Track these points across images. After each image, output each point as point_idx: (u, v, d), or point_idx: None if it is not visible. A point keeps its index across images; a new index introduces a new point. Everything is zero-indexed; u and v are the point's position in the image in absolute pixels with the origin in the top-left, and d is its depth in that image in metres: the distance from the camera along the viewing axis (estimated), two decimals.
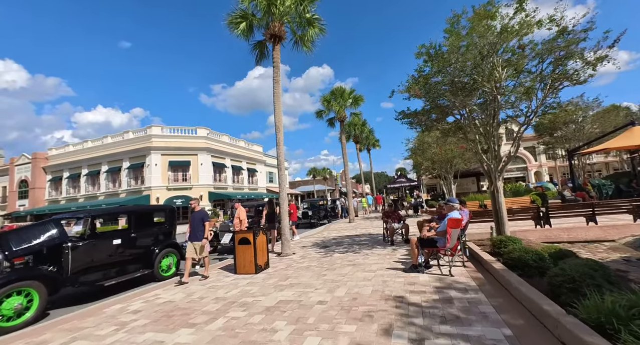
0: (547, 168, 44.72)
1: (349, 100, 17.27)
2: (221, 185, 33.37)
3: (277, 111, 9.01)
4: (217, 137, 34.17)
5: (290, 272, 6.25)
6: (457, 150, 14.18)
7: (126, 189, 30.55)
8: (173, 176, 30.60)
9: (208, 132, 32.63)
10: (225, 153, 34.43)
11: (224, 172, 34.29)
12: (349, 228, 14.39)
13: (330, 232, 13.21)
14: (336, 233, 12.74)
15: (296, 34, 10.25)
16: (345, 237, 11.29)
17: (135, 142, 30.68)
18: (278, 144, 8.95)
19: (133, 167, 30.36)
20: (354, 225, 15.70)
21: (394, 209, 9.34)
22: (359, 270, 5.83)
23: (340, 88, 17.00)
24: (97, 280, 5.85)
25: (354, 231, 12.90)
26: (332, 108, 17.15)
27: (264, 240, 6.93)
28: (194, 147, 31.12)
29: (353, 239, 10.43)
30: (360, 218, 19.50)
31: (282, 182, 8.83)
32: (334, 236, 11.77)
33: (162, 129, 30.68)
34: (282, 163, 8.90)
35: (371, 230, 12.51)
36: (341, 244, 9.63)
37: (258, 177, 40.04)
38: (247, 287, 5.36)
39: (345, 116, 17.48)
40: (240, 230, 7.44)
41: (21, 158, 36.14)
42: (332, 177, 51.24)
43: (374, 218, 18.81)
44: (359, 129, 22.83)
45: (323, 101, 17.27)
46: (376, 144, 26.90)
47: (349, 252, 8.02)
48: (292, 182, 56.92)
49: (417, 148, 15.66)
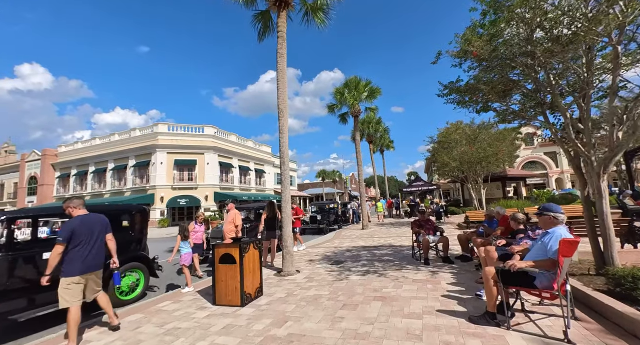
0: (569, 175, 41.48)
1: (364, 93, 15.21)
2: (227, 185, 31.65)
3: (282, 90, 7.02)
4: (224, 136, 32.56)
5: (290, 309, 4.17)
6: (490, 148, 11.93)
7: (131, 187, 29.13)
8: (178, 175, 29.04)
9: (215, 130, 31.04)
10: (233, 153, 32.76)
11: (230, 172, 32.59)
12: (364, 236, 12.22)
13: (343, 241, 11.08)
14: (350, 242, 10.60)
15: (306, 2, 8.32)
16: (361, 248, 9.15)
17: (141, 139, 29.31)
18: (281, 132, 6.94)
19: (139, 165, 28.95)
20: (368, 232, 13.53)
21: (423, 216, 7.18)
22: (395, 313, 3.71)
23: (355, 79, 14.97)
24: (8, 311, 3.91)
25: (370, 240, 10.74)
26: (346, 101, 15.11)
27: (256, 257, 4.89)
28: (201, 146, 29.54)
29: (372, 252, 8.28)
30: (373, 224, 17.29)
31: (285, 179, 6.80)
32: (348, 246, 9.64)
33: (169, 126, 29.24)
34: (285, 156, 6.88)
35: (391, 241, 10.32)
36: (358, 258, 7.50)
37: (266, 179, 38.23)
38: (221, 338, 3.32)
39: (359, 111, 15.41)
40: (223, 242, 5.42)
41: (31, 155, 35.33)
42: (341, 180, 49.08)
43: (389, 224, 16.58)
44: (373, 127, 20.68)
45: (336, 93, 15.25)
46: (390, 145, 24.68)
47: (371, 272, 5.90)
48: (301, 185, 55.00)
49: (441, 146, 13.42)
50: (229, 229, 6.47)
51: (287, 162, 6.89)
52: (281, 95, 7.01)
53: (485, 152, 11.90)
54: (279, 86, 7.07)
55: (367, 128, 20.43)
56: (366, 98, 15.31)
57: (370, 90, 15.17)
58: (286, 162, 6.86)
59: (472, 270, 5.66)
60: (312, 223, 15.14)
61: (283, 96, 7.02)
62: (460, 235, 6.63)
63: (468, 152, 12.28)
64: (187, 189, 28.71)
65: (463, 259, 6.36)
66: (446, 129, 13.45)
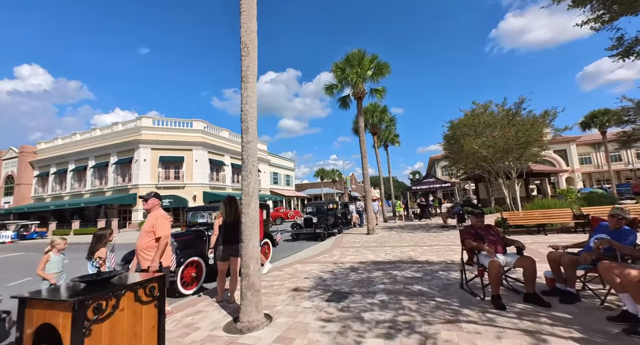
0: (580, 174, 38.67)
1: (369, 71, 12.39)
2: (218, 184, 28.78)
3: (246, 16, 4.17)
4: (215, 131, 29.71)
5: None
6: (532, 131, 9.10)
7: (112, 186, 26.27)
8: (164, 173, 26.20)
9: (205, 125, 28.22)
10: (224, 150, 29.92)
11: (222, 170, 29.73)
12: (371, 245, 9.34)
13: (345, 253, 8.20)
14: (354, 255, 7.71)
15: None
16: (372, 265, 6.26)
17: (124, 134, 26.48)
18: (244, 79, 4.08)
19: (121, 163, 26.12)
20: (376, 239, 10.64)
21: (480, 220, 4.29)
22: None
23: (358, 53, 12.14)
24: None
25: (381, 252, 7.85)
26: (348, 79, 12.27)
27: (143, 326, 2.00)
28: (189, 142, 26.71)
29: (390, 274, 5.38)
30: (380, 227, 14.40)
31: (249, 159, 3.93)
32: (352, 262, 6.76)
33: (154, 120, 26.41)
34: (250, 118, 4.01)
35: (410, 253, 7.43)
36: (371, 287, 4.62)
37: (261, 178, 35.31)
38: None
39: (364, 91, 12.57)
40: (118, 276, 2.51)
41: (9, 152, 32.42)
42: (341, 180, 46.17)
43: (399, 228, 13.69)
44: (378, 117, 17.79)
45: (335, 70, 12.41)
46: (395, 140, 21.76)
47: (403, 328, 3.03)
48: (299, 185, 52.03)
49: (467, 131, 10.52)
50: (145, 245, 3.59)
51: (254, 129, 4.03)
52: (245, 22, 4.17)
53: (527, 136, 9.09)
54: (243, 9, 4.21)
55: (371, 117, 17.53)
56: (372, 76, 12.47)
57: (377, 66, 12.34)
58: (251, 128, 3.99)
59: (603, 320, 2.78)
60: (306, 227, 12.26)
61: (249, 24, 4.17)
62: (553, 255, 3.74)
63: (502, 137, 9.46)
64: (174, 188, 25.86)
65: (564, 298, 3.48)
66: (472, 110, 10.65)
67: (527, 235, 8.97)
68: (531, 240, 8.16)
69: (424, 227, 13.44)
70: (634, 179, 37.28)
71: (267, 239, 8.14)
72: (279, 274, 6.06)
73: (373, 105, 17.91)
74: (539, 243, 7.55)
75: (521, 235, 8.99)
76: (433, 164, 46.46)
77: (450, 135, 11.78)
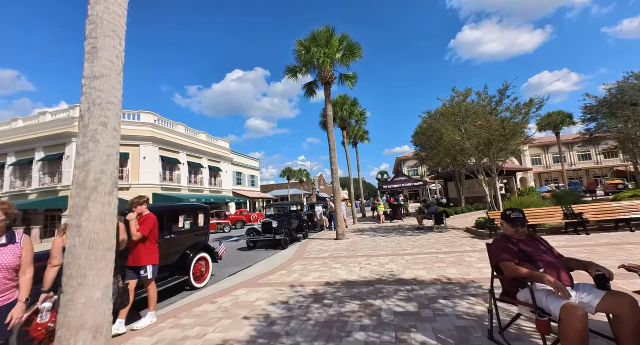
0: (532, 174, 40.85)
1: (337, 53, 10.68)
2: (172, 185, 25.40)
3: None
4: (168, 126, 26.28)
5: None
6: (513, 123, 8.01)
7: (37, 187, 21.85)
8: None
9: (156, 118, 24.76)
10: (180, 146, 26.60)
11: (176, 169, 26.37)
12: (342, 254, 7.55)
13: (309, 268, 6.30)
14: (320, 272, 5.83)
15: None
16: (344, 292, 4.43)
17: (53, 126, 22.17)
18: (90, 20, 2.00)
19: (48, 160, 21.82)
20: (346, 245, 8.90)
21: (520, 227, 2.66)
22: None
23: (325, 31, 10.36)
24: None
25: (355, 266, 6.07)
26: (314, 61, 10.44)
27: None
28: (135, 136, 23.14)
29: (374, 312, 3.55)
30: (350, 230, 12.75)
31: (94, 113, 1.85)
32: (317, 286, 4.87)
33: None
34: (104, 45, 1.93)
35: (393, 267, 5.73)
36: (343, 340, 2.78)
37: (222, 178, 32.28)
38: None
39: (332, 76, 10.83)
40: None
41: None
42: (309, 180, 44.35)
43: (369, 231, 12.14)
44: (348, 110, 16.19)
45: (299, 50, 10.50)
46: (365, 137, 20.44)
47: None
48: (265, 185, 49.31)
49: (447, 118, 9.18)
50: None
51: (112, 54, 1.95)
52: None
53: (514, 125, 7.95)
54: None
55: (341, 110, 15.90)
56: (342, 59, 10.78)
57: (348, 48, 10.66)
58: (105, 51, 1.91)
59: None
60: (265, 232, 10.18)
61: None
62: None
63: (486, 127, 8.27)
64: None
65: None
66: (452, 98, 9.41)
67: None
68: None
69: (398, 229, 12.03)
70: (576, 178, 40.22)
71: (205, 252, 6.00)
72: (206, 310, 3.99)
73: (342, 98, 16.31)
74: None
75: None
76: (400, 164, 46.56)
77: (426, 127, 10.46)
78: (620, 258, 4.97)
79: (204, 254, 5.95)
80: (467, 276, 4.63)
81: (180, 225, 5.88)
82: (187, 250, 5.66)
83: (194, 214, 5.99)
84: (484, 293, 3.81)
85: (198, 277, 5.74)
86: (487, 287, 4.01)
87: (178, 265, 5.45)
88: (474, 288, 4.05)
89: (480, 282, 4.26)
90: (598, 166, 40.90)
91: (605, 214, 7.50)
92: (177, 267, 5.44)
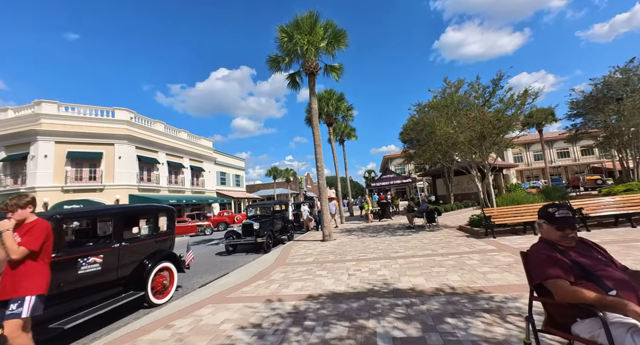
0: (514, 171, 41.51)
1: (322, 42, 9.91)
2: (150, 186, 23.97)
3: None
4: (146, 123, 24.81)
5: None
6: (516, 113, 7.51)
7: None
8: (74, 173, 20.78)
9: (132, 115, 23.31)
10: (158, 145, 25.17)
11: (155, 169, 24.93)
12: (328, 259, 6.80)
13: (290, 276, 5.50)
14: (303, 281, 5.04)
15: None
16: (330, 309, 3.66)
17: (16, 123, 20.36)
18: None
19: (11, 160, 20.01)
20: (333, 247, 8.16)
21: (569, 231, 1.98)
22: None
23: (309, 17, 9.55)
24: None
25: (344, 274, 5.32)
26: (297, 49, 9.63)
27: None
28: (110, 134, 21.68)
29: (368, 338, 2.82)
30: (338, 231, 12.03)
31: None
32: (298, 300, 4.08)
33: (59, 106, 20.82)
34: None
35: (386, 274, 5.02)
36: None
37: (205, 178, 30.91)
38: None
39: (317, 66, 10.06)
40: None
41: None
42: (296, 180, 43.42)
43: (358, 231, 11.46)
44: (334, 105, 15.45)
45: (281, 37, 9.65)
46: (352, 134, 19.78)
47: None
48: (251, 186, 47.98)
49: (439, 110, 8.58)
50: None
51: None
52: None
53: (509, 117, 7.44)
54: None
55: (327, 105, 15.16)
56: (327, 48, 10.02)
57: (333, 36, 9.91)
58: None
59: None
60: (246, 235, 9.29)
61: None
62: None
63: (480, 119, 7.73)
64: (88, 191, 20.62)
65: None
66: (443, 89, 8.84)
67: (513, 236, 7.27)
68: (522, 241, 6.40)
69: (387, 228, 11.40)
70: (555, 175, 41.18)
71: (169, 262, 5.11)
72: (156, 339, 3.13)
73: (328, 93, 15.57)
74: None
75: (507, 236, 7.27)
76: (387, 162, 46.41)
77: (415, 122, 9.86)
78: (637, 258, 4.45)
79: (168, 264, 5.05)
80: (472, 284, 3.97)
81: (136, 232, 4.96)
82: (146, 260, 4.75)
83: (153, 218, 5.06)
84: (499, 307, 3.14)
85: (160, 291, 4.84)
86: (499, 299, 3.36)
87: (133, 279, 4.54)
88: (484, 300, 3.38)
89: (490, 292, 3.60)
90: (576, 163, 42.02)
91: (605, 209, 7.09)
92: (132, 281, 4.53)
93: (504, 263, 4.88)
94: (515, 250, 5.64)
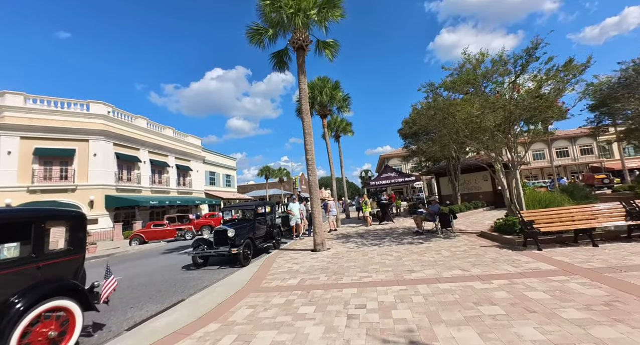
0: None
1: (313, 10, 8.07)
2: (130, 186, 21.87)
3: None
4: (126, 118, 22.72)
5: None
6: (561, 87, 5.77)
7: None
8: (43, 171, 18.63)
9: (110, 109, 21.23)
10: (140, 142, 23.08)
11: (136, 168, 22.83)
12: (319, 281, 4.92)
13: (260, 315, 3.60)
14: (276, 330, 3.15)
15: None
16: None
17: None
18: None
19: None
20: (327, 260, 6.30)
21: None
22: None
23: None
24: None
25: (340, 312, 3.45)
26: (284, 18, 7.78)
27: None
28: (84, 130, 19.58)
29: None
30: (332, 238, 10.17)
31: None
32: None
33: (26, 98, 18.68)
34: None
35: (408, 319, 3.17)
36: None
37: (193, 178, 28.82)
38: None
39: (307, 39, 8.22)
40: None
41: None
42: (289, 180, 41.45)
43: (357, 237, 9.64)
44: (328, 94, 13.58)
45: (263, 5, 7.79)
46: (348, 129, 17.98)
47: None
48: (243, 186, 45.89)
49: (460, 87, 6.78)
50: None
51: None
52: None
53: (549, 96, 5.72)
54: None
55: (320, 94, 13.28)
56: (319, 17, 8.18)
57: (325, 1, 8.08)
58: None
59: None
60: (219, 244, 7.38)
61: None
62: None
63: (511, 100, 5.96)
64: (58, 191, 18.47)
65: None
66: (460, 66, 7.05)
67: (564, 248, 5.48)
68: (584, 256, 4.58)
69: (391, 234, 9.59)
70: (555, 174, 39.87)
71: (68, 297, 3.21)
72: None
73: (322, 80, 13.70)
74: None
75: (555, 248, 5.47)
76: (383, 162, 44.73)
77: (427, 106, 8.06)
78: None
79: (62, 303, 3.14)
80: None
81: None
82: (15, 298, 2.84)
83: (36, 230, 3.14)
84: None
85: None
86: None
87: None
88: None
89: None
90: (575, 162, 40.84)
91: None
92: None
93: (593, 298, 3.07)
94: (588, 273, 3.84)
